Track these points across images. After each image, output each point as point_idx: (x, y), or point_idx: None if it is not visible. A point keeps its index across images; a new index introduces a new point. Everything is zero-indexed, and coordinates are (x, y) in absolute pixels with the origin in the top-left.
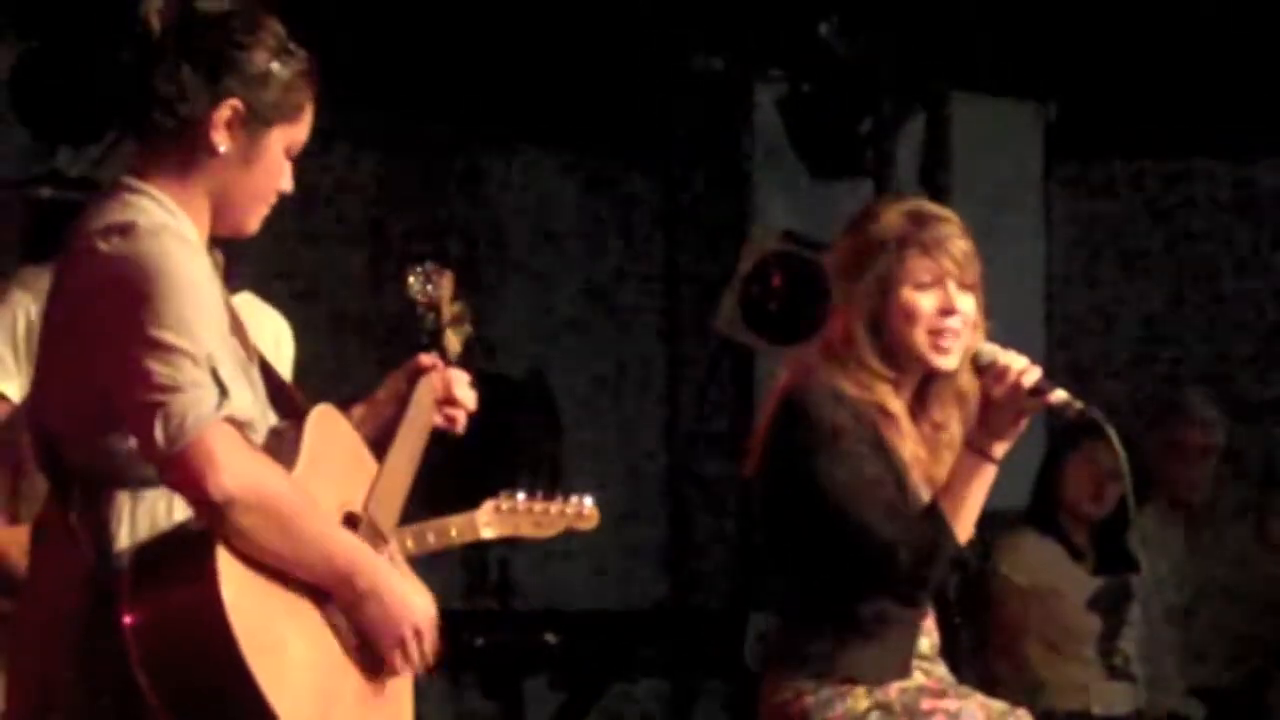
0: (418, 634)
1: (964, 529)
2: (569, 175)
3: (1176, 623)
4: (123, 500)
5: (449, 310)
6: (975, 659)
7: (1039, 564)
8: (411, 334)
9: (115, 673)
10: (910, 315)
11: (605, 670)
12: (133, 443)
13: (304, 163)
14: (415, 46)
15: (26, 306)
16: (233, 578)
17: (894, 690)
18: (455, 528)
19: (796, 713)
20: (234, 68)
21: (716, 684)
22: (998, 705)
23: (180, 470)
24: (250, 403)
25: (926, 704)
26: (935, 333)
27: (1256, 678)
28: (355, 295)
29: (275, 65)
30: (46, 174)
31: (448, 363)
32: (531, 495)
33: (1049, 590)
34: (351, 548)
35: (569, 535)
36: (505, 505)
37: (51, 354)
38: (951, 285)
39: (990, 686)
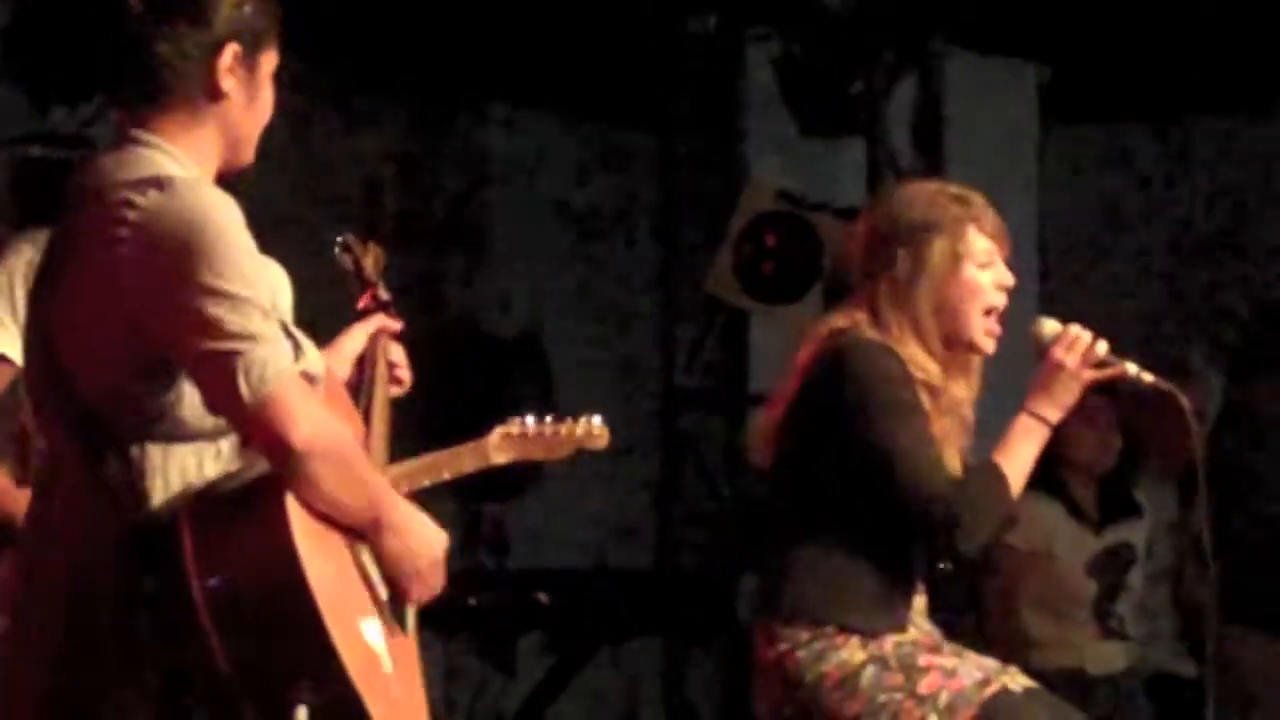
0: (434, 565)
1: (1017, 489)
2: (564, 135)
3: (1170, 582)
4: (155, 456)
5: (379, 280)
6: (967, 619)
7: (1038, 528)
8: (352, 302)
9: (159, 627)
10: (974, 292)
11: (598, 629)
12: (170, 397)
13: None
14: (408, 10)
15: (27, 271)
16: (300, 526)
17: (889, 644)
18: (467, 457)
19: (790, 666)
20: (218, 11)
21: (709, 643)
22: (991, 663)
23: (261, 420)
24: (319, 358)
25: (923, 659)
26: (989, 311)
27: None
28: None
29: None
30: (39, 133)
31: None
32: (539, 419)
33: (1046, 554)
34: (382, 487)
35: (580, 455)
36: (515, 430)
37: (80, 313)
38: (1001, 264)
39: (982, 647)
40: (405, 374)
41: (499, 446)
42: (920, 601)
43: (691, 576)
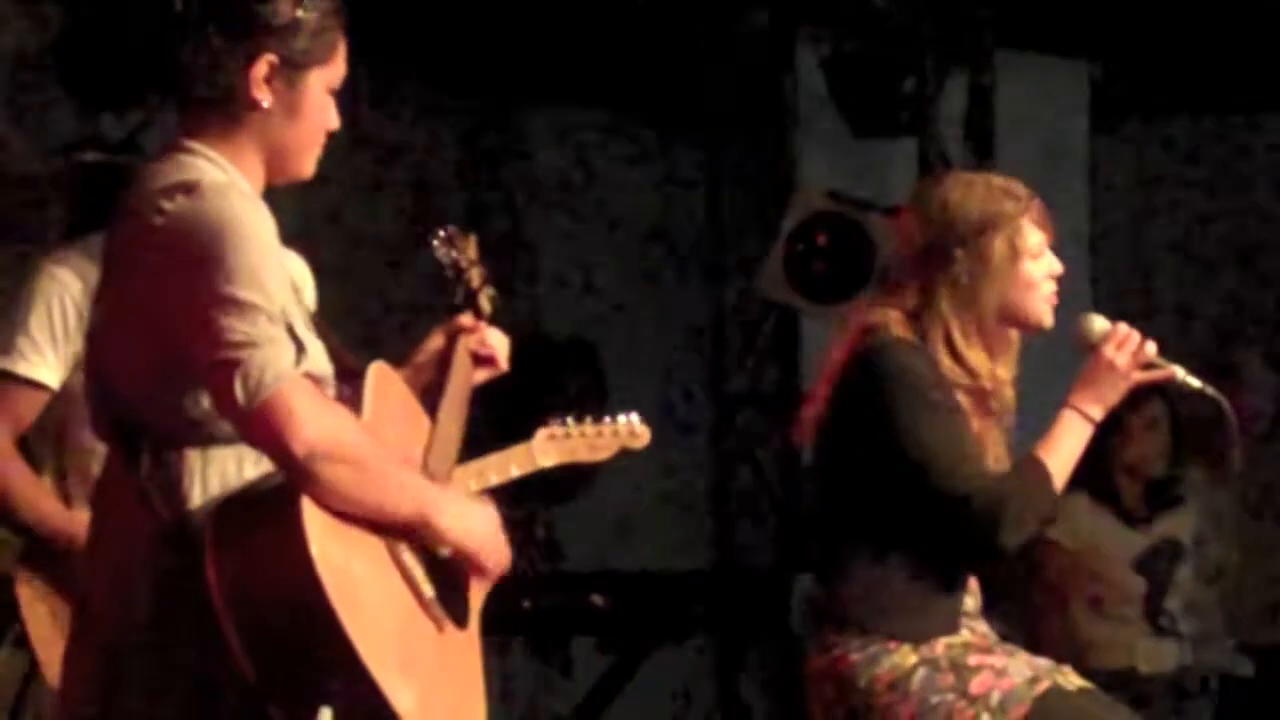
0: (495, 536)
1: (1060, 484)
2: (611, 135)
3: (1221, 580)
4: (193, 459)
5: (476, 273)
6: (1021, 620)
7: (1086, 527)
8: (445, 296)
9: (191, 629)
10: (1033, 285)
11: (651, 632)
12: (206, 402)
13: (348, 127)
14: (455, 8)
15: (61, 290)
16: (317, 530)
17: (940, 646)
18: (514, 461)
19: (843, 671)
20: (261, 23)
21: (763, 646)
22: (1044, 662)
23: (260, 426)
24: (324, 357)
25: (973, 659)
26: (1046, 298)
27: None
28: (396, 258)
29: (301, 11)
30: (89, 139)
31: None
32: (580, 419)
33: (1095, 552)
34: (424, 488)
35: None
36: (559, 432)
37: (117, 317)
38: (1049, 252)
39: (1035, 647)
40: (496, 355)
41: (543, 449)
42: (972, 602)
43: (746, 578)
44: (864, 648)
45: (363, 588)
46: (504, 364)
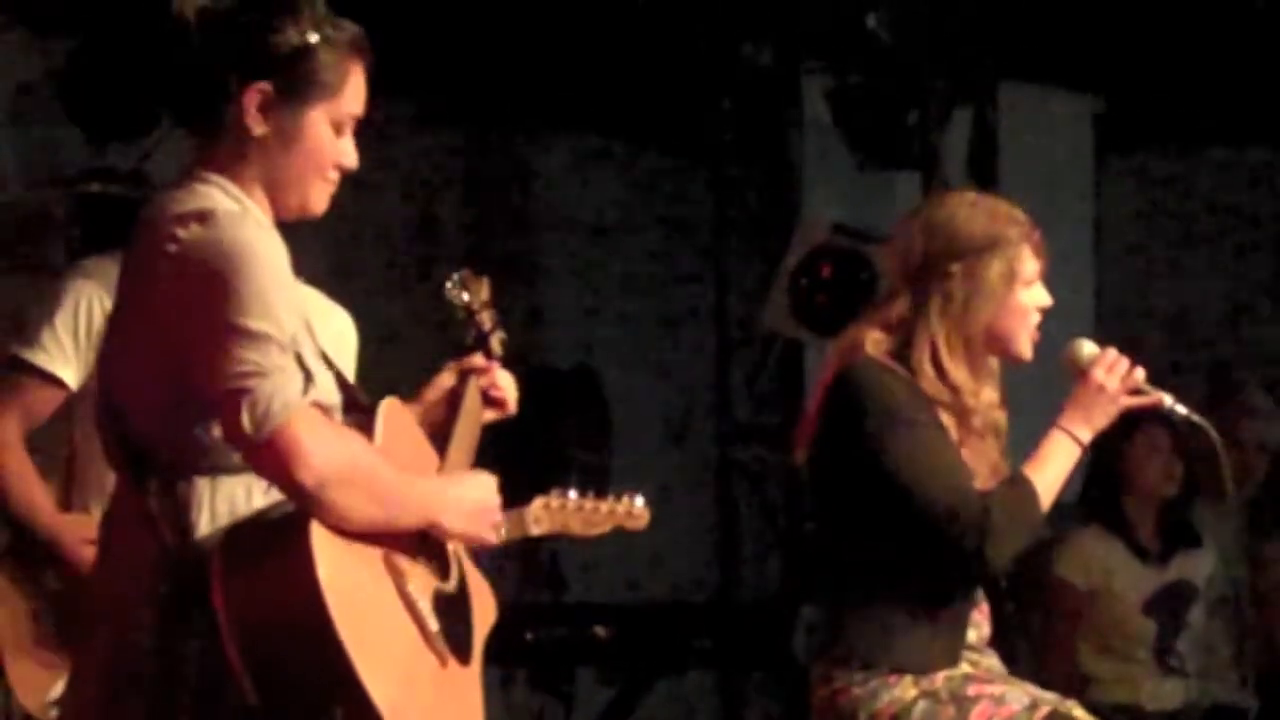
0: (489, 511)
1: (1047, 504)
2: (616, 168)
3: (1227, 613)
4: (202, 487)
5: (487, 315)
6: (1029, 656)
7: (1098, 565)
8: (455, 337)
9: (196, 655)
10: (1023, 313)
11: (655, 663)
12: (216, 430)
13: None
14: (463, 39)
15: (90, 295)
16: (326, 557)
17: (940, 678)
18: (506, 523)
19: (845, 705)
20: (261, 50)
21: (766, 677)
22: (1049, 695)
23: (268, 455)
24: (332, 387)
25: (972, 689)
26: (1030, 330)
27: None
28: (405, 288)
29: (306, 43)
30: (96, 169)
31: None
32: (582, 493)
33: (1107, 593)
34: (429, 494)
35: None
36: (555, 503)
37: (129, 342)
38: (1040, 284)
39: (1042, 683)
40: (505, 397)
41: (537, 518)
42: (974, 634)
43: (749, 609)
44: (865, 681)
45: (368, 617)
46: (512, 406)
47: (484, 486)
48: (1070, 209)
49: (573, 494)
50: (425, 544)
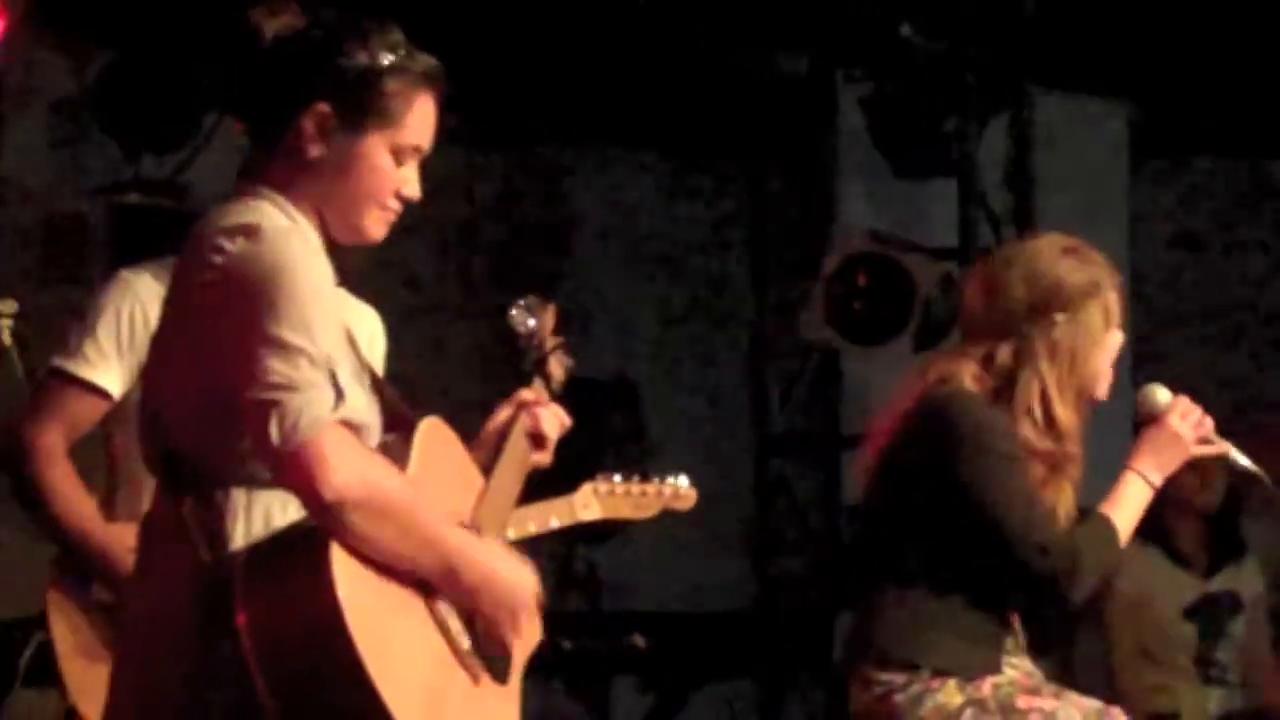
0: (525, 609)
1: (1123, 544)
2: (653, 177)
3: (1266, 613)
4: (238, 498)
5: (551, 342)
6: (1066, 661)
7: (1140, 575)
8: (515, 365)
9: (227, 668)
10: (1113, 354)
11: (693, 672)
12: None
13: None
14: (499, 52)
15: (132, 304)
16: (347, 575)
17: (987, 686)
18: (555, 513)
19: (888, 710)
20: (326, 71)
21: (805, 685)
22: (1092, 704)
23: (292, 469)
24: (366, 406)
25: (1022, 701)
26: (1111, 370)
27: None
28: (443, 299)
29: (371, 68)
30: (131, 180)
31: (551, 393)
32: (628, 477)
33: (1150, 603)
34: (461, 541)
35: (667, 515)
36: (603, 488)
37: (170, 352)
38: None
39: (1080, 689)
40: (546, 436)
41: (586, 503)
42: (1013, 641)
43: (786, 618)
44: (908, 686)
45: (392, 635)
46: (548, 455)
47: (523, 581)
48: (1106, 216)
49: (618, 478)
50: None
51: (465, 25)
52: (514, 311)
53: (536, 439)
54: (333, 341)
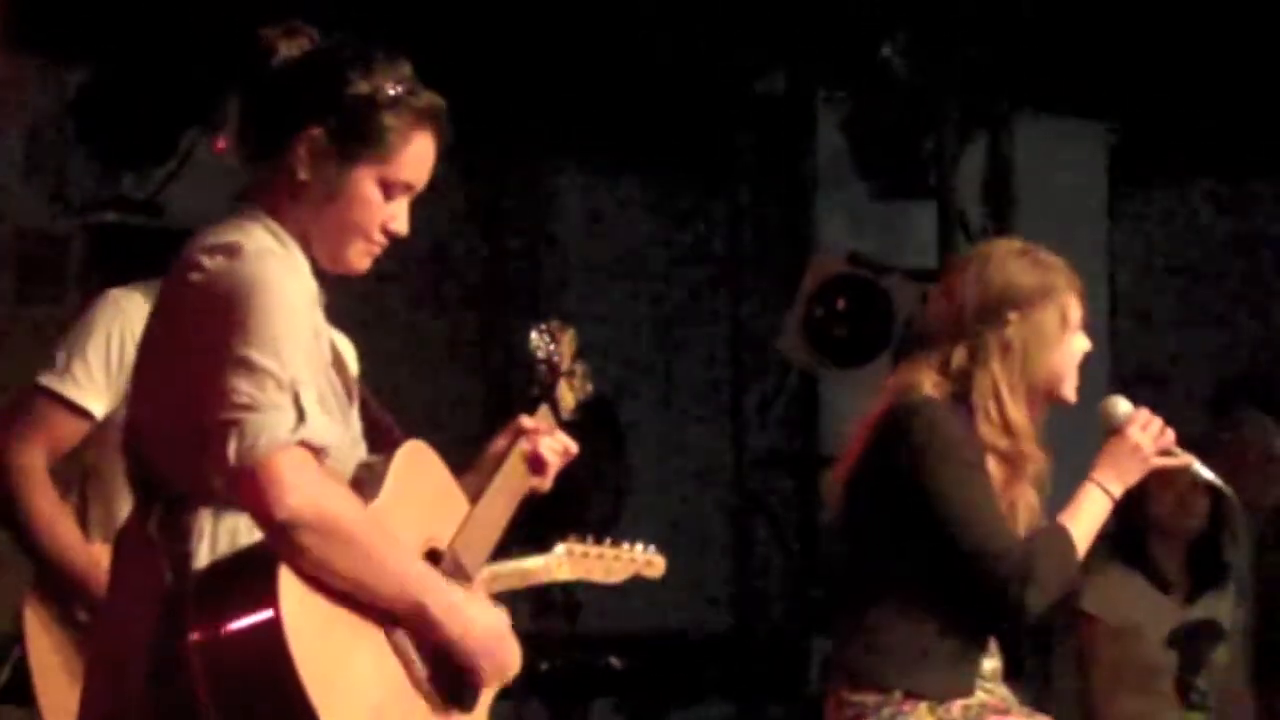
0: (499, 644)
1: (1081, 555)
2: (632, 196)
3: (1241, 638)
4: (204, 518)
5: (567, 367)
6: (1043, 688)
7: (1124, 600)
8: (526, 389)
9: (184, 690)
10: (1072, 359)
11: (670, 694)
12: None
13: None
14: (480, 69)
15: (122, 326)
16: (293, 597)
17: (957, 707)
18: (531, 572)
19: None
20: (326, 97)
21: (781, 707)
22: None
23: (247, 488)
24: (327, 427)
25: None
26: (1075, 374)
27: None
28: (423, 318)
29: (372, 99)
30: (111, 199)
31: (559, 419)
32: (600, 540)
33: (1133, 629)
34: (422, 575)
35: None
36: (577, 550)
37: (147, 369)
38: (1082, 330)
39: (1057, 715)
40: (547, 462)
41: (560, 565)
42: (991, 665)
43: (764, 639)
44: (880, 708)
45: (341, 660)
46: (547, 481)
47: (495, 619)
48: (1085, 238)
49: (592, 541)
50: None
51: (446, 43)
52: (534, 335)
53: (536, 465)
54: (303, 362)
